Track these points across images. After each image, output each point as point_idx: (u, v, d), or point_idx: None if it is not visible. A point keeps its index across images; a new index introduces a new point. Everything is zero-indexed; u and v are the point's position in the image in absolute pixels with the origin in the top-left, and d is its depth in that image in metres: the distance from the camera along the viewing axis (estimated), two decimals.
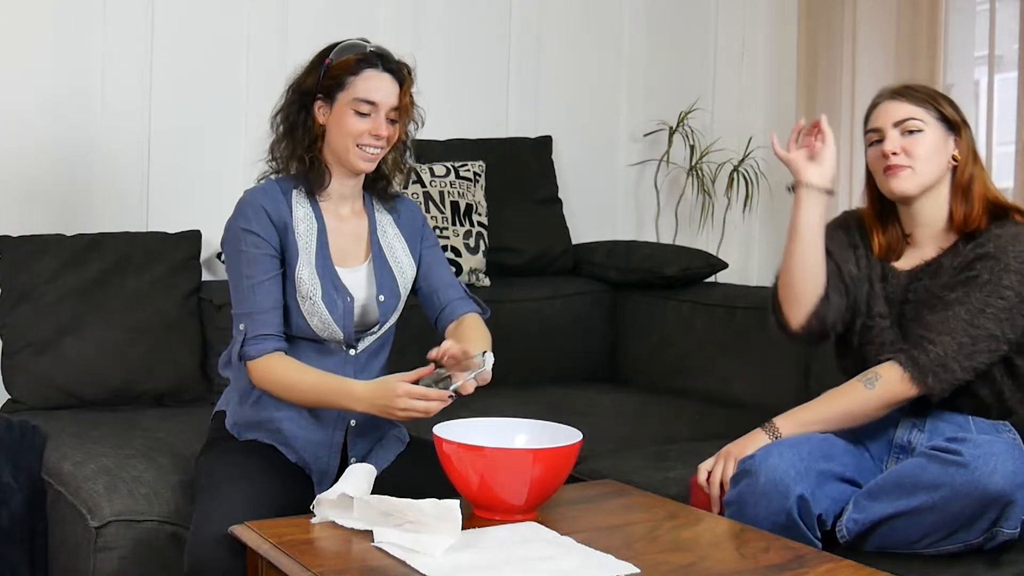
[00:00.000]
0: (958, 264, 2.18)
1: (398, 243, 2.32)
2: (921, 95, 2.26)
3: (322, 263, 2.20)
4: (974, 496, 1.90)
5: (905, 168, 2.22)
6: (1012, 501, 1.91)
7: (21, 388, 2.87)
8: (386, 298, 2.25)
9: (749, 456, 2.09)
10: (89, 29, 3.18)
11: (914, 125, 2.22)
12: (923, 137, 2.22)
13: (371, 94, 2.17)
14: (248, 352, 2.15)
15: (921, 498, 1.95)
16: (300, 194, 2.23)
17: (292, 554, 1.74)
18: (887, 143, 2.23)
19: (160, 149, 3.29)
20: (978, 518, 1.92)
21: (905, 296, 2.24)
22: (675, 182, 4.10)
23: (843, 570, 1.75)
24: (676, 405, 3.22)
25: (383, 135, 2.18)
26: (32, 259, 2.91)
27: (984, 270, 2.13)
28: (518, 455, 1.90)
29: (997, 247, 2.13)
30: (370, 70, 2.18)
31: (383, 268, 2.27)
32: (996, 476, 1.89)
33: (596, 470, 2.54)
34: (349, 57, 2.19)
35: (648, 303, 3.59)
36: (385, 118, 2.19)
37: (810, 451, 2.06)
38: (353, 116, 2.17)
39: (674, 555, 1.80)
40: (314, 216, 2.23)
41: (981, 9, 3.43)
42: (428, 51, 3.64)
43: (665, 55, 4.12)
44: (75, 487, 2.35)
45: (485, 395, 2.13)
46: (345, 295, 2.20)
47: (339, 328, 2.19)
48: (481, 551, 1.76)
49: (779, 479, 2.00)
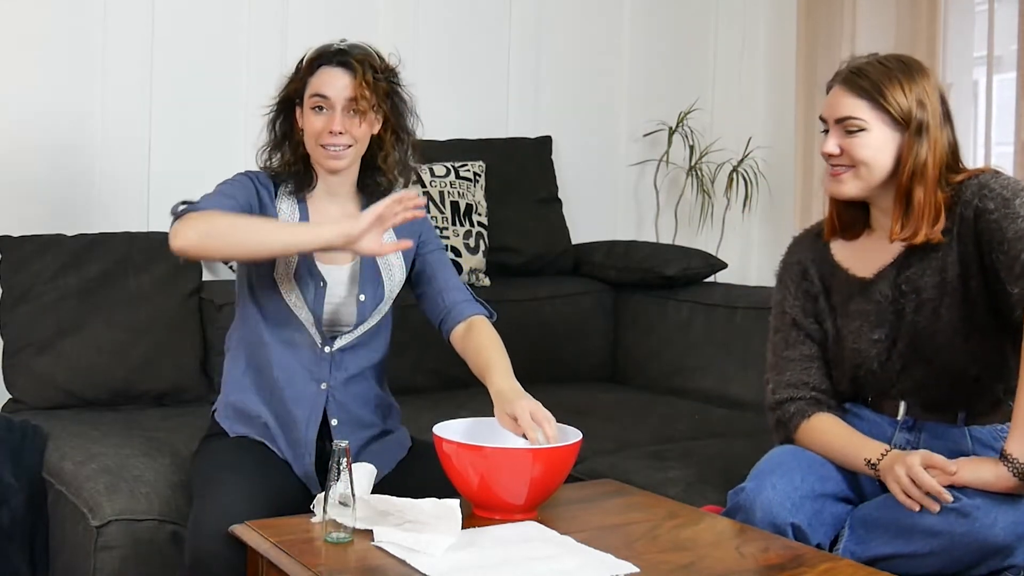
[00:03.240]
0: (948, 238, 2.03)
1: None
2: (868, 83, 2.04)
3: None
4: (974, 547, 1.87)
5: (845, 171, 2.07)
6: (1013, 552, 1.87)
7: (22, 388, 2.87)
8: (367, 298, 2.24)
9: (740, 489, 2.03)
10: (90, 32, 3.19)
11: (854, 124, 2.04)
12: (866, 137, 2.04)
13: (322, 88, 2.18)
14: (196, 207, 2.10)
15: (919, 543, 1.91)
16: (285, 190, 2.26)
17: (293, 553, 1.74)
18: (827, 143, 2.07)
19: (160, 150, 3.29)
20: (979, 564, 1.89)
21: (897, 292, 2.10)
22: (675, 182, 4.11)
23: (842, 569, 1.76)
24: (676, 405, 3.23)
25: (336, 130, 2.17)
26: (33, 259, 2.91)
27: (991, 203, 1.97)
28: (518, 455, 1.90)
29: (986, 199, 1.98)
30: (324, 67, 2.20)
31: (371, 270, 2.25)
32: (997, 528, 1.85)
33: (596, 470, 2.54)
34: (311, 57, 2.23)
35: (648, 303, 3.59)
36: (345, 112, 2.18)
37: (803, 478, 2.01)
38: (311, 114, 2.19)
39: (674, 554, 1.80)
40: (297, 209, 2.24)
41: (980, 10, 3.42)
42: (429, 51, 3.65)
43: (665, 56, 4.13)
44: (76, 486, 2.36)
45: (484, 394, 2.13)
46: (319, 280, 2.20)
47: (309, 311, 2.19)
48: (481, 550, 1.76)
49: (775, 513, 1.96)
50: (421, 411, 2.63)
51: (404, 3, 3.64)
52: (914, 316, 2.08)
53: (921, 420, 2.12)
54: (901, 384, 2.13)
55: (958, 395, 2.10)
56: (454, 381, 3.27)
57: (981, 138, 3.38)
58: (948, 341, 2.06)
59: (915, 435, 2.12)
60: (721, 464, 2.50)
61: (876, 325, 2.12)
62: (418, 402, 2.82)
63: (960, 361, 2.06)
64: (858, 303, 2.15)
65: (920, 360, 2.09)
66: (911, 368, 2.11)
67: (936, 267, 2.06)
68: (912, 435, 2.12)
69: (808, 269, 2.23)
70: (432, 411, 2.54)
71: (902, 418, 2.13)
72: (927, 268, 2.07)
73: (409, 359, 3.10)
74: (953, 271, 2.04)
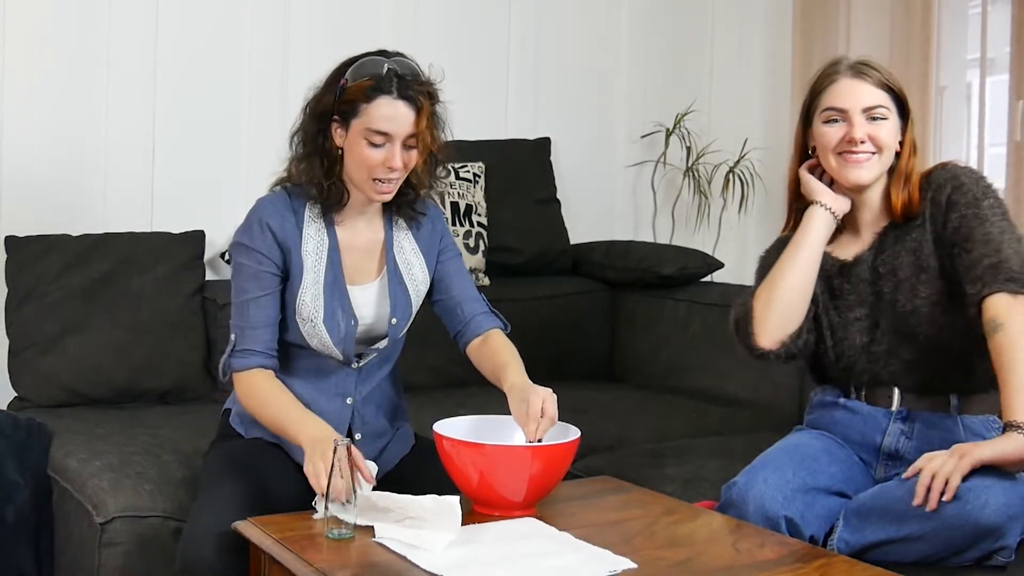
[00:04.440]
0: (920, 220, 2.14)
1: (415, 258, 2.25)
2: (883, 77, 2.17)
3: (332, 281, 2.15)
4: (966, 529, 1.87)
5: (869, 157, 2.15)
6: (1005, 533, 1.87)
7: (27, 386, 2.88)
8: (398, 320, 2.21)
9: (733, 483, 2.05)
10: (94, 35, 3.19)
11: (881, 113, 2.15)
12: (887, 124, 2.16)
13: (384, 124, 2.04)
14: (233, 364, 2.13)
15: (911, 527, 1.91)
16: (314, 209, 2.16)
17: (294, 550, 1.75)
18: (856, 130, 2.14)
19: (164, 152, 3.29)
20: (970, 547, 1.89)
21: (875, 274, 2.18)
22: (672, 183, 4.11)
23: (837, 565, 1.77)
24: (673, 403, 3.24)
25: (397, 167, 2.07)
26: (38, 259, 2.91)
27: (962, 199, 2.10)
28: (517, 452, 1.91)
29: (952, 183, 2.12)
30: (383, 98, 2.04)
31: (397, 284, 2.21)
32: (988, 510, 1.85)
33: (594, 467, 2.55)
34: (363, 82, 2.05)
35: (646, 302, 3.60)
36: (402, 146, 2.07)
37: (794, 471, 2.03)
38: (366, 147, 2.05)
39: (671, 551, 1.81)
40: (326, 233, 2.16)
41: (973, 13, 3.43)
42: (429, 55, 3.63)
43: (662, 59, 4.13)
44: (80, 483, 2.37)
45: (485, 393, 2.14)
46: (350, 318, 2.16)
47: (338, 351, 2.16)
48: (481, 546, 1.77)
49: (767, 507, 1.98)
50: (421, 409, 2.61)
51: (404, 6, 3.64)
52: (893, 295, 2.15)
53: (915, 410, 2.15)
54: (890, 367, 2.16)
55: (949, 374, 2.13)
56: (454, 379, 3.28)
57: (974, 139, 3.38)
58: (928, 316, 2.12)
59: (909, 425, 2.15)
60: (718, 461, 2.50)
61: (856, 305, 2.20)
62: (419, 400, 2.77)
63: (944, 336, 2.11)
64: (838, 282, 2.22)
65: (905, 339, 2.14)
66: (898, 349, 2.15)
67: (910, 247, 2.15)
68: (907, 425, 2.15)
69: None
70: (432, 409, 2.53)
71: (896, 408, 2.16)
72: (902, 249, 2.16)
73: (409, 357, 3.07)
74: (928, 249, 2.14)
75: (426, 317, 2.39)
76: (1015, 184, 3.18)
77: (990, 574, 1.91)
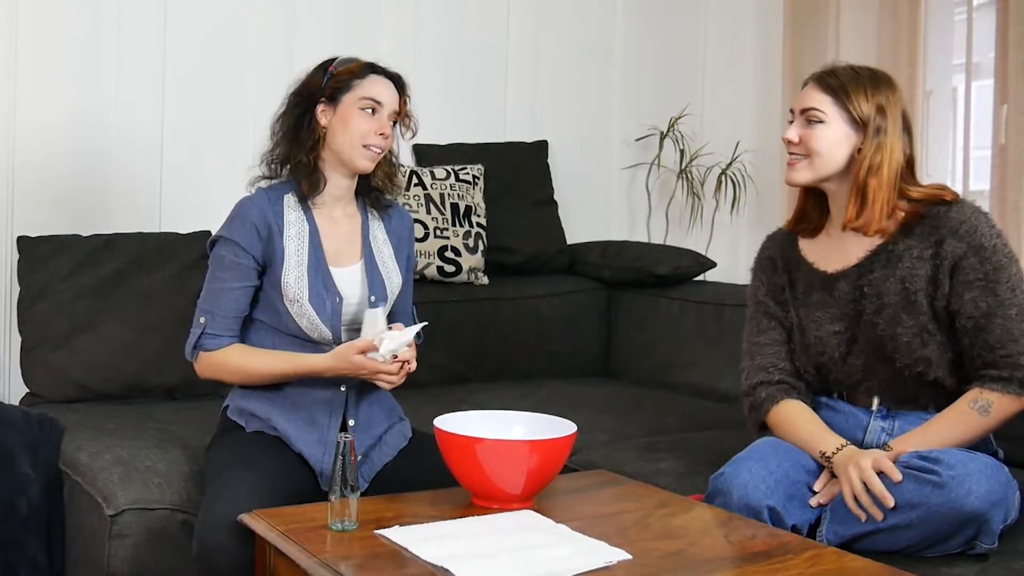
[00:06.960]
0: (918, 252, 2.11)
1: (386, 248, 2.36)
2: (836, 83, 2.13)
3: (315, 264, 2.25)
4: (950, 516, 1.89)
5: (800, 160, 2.16)
6: (988, 519, 1.90)
7: (39, 382, 2.89)
8: (376, 299, 2.28)
9: (720, 473, 2.08)
10: (104, 40, 3.21)
11: (815, 116, 2.13)
12: (824, 130, 2.13)
13: (378, 95, 2.25)
14: (204, 344, 2.24)
15: (898, 517, 1.94)
16: (292, 199, 2.28)
17: (299, 542, 1.77)
18: (788, 130, 2.17)
19: (172, 154, 3.31)
20: (955, 535, 1.92)
21: (858, 293, 2.17)
22: (666, 184, 4.13)
23: (826, 556, 1.79)
24: (667, 398, 3.25)
25: (388, 133, 2.26)
26: (50, 258, 2.92)
27: (976, 270, 2.07)
28: (515, 446, 1.93)
29: (968, 240, 2.07)
30: (375, 75, 2.28)
31: (373, 270, 2.31)
32: (972, 497, 1.88)
33: (590, 461, 2.57)
34: (353, 65, 2.28)
35: (640, 301, 3.62)
36: (388, 120, 2.27)
37: (779, 463, 2.06)
38: (360, 115, 2.24)
39: (664, 542, 1.83)
40: (306, 220, 2.27)
41: (959, 19, 3.42)
42: (428, 58, 3.66)
43: (656, 64, 4.15)
44: (91, 477, 2.39)
45: (484, 389, 2.16)
46: (335, 295, 2.24)
47: (327, 328, 2.23)
48: (479, 539, 1.79)
49: (750, 496, 2.00)
50: (421, 405, 2.64)
51: (405, 13, 3.66)
52: (873, 318, 2.15)
53: (895, 410, 2.19)
54: (868, 381, 2.19)
55: (924, 393, 2.17)
56: (455, 376, 3.33)
57: (960, 142, 3.37)
58: (907, 347, 2.13)
59: (890, 423, 2.19)
60: (711, 455, 2.47)
61: (836, 318, 2.20)
62: (419, 397, 2.80)
63: (920, 365, 2.13)
64: (819, 295, 2.23)
65: (881, 360, 2.16)
66: (875, 367, 2.17)
67: (900, 276, 2.13)
68: (887, 423, 2.19)
69: (776, 262, 2.31)
70: (432, 405, 2.54)
71: (876, 408, 2.20)
72: (890, 276, 2.14)
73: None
74: (919, 285, 2.12)
75: (426, 317, 2.43)
76: (999, 186, 3.17)
77: (974, 562, 1.94)
